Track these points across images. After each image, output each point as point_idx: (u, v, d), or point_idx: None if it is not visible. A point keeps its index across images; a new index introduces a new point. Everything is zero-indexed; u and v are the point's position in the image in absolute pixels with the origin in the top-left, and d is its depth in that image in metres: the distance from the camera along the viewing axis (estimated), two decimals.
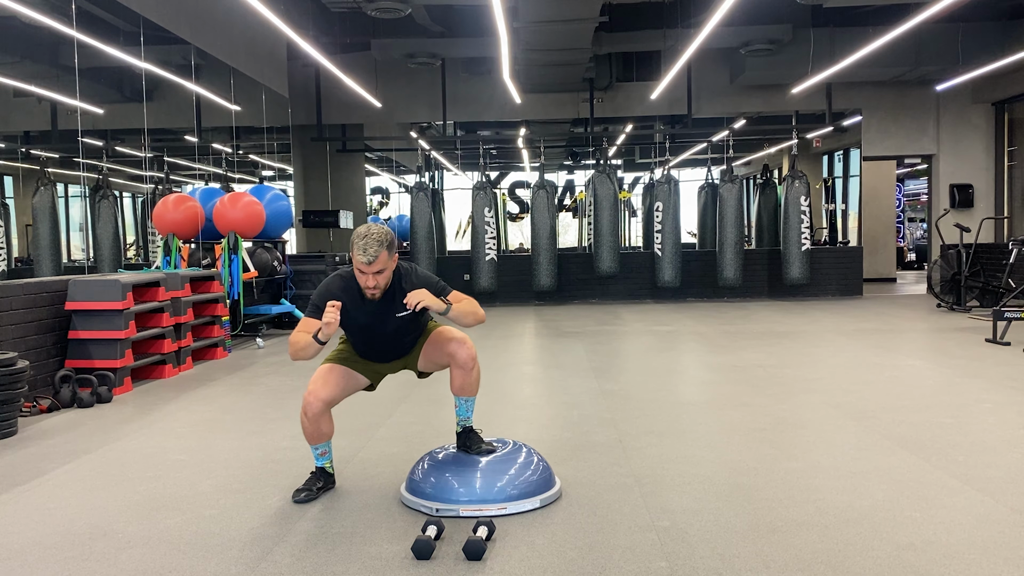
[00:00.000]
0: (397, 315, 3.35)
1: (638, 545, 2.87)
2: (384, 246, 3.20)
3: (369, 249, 3.18)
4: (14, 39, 10.74)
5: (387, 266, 3.26)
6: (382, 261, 3.21)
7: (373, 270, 3.22)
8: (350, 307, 3.32)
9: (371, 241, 3.19)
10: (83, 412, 5.36)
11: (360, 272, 3.26)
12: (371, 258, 3.18)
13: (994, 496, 3.30)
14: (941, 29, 11.30)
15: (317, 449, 3.51)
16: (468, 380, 3.43)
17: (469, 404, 3.51)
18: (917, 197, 24.31)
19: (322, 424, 3.43)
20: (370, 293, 3.30)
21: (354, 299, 3.34)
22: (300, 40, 8.91)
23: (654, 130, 17.39)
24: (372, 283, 3.26)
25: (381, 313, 3.36)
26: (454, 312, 3.32)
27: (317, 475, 3.52)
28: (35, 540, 3.04)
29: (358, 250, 3.19)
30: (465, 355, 3.38)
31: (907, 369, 6.49)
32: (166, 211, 8.65)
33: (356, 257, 3.21)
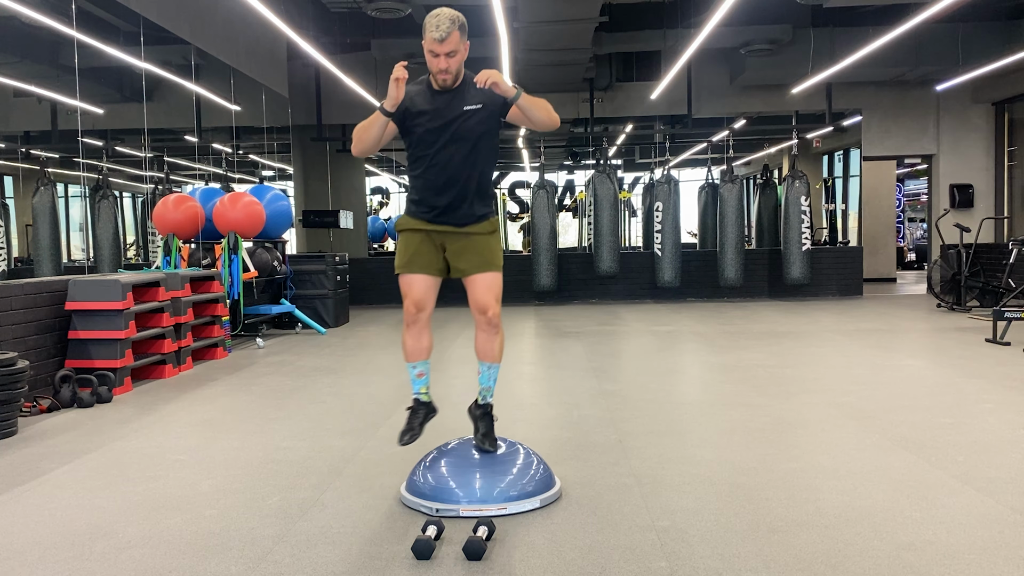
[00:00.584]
0: (466, 108, 3.26)
1: (638, 545, 2.87)
2: (456, 25, 3.13)
3: (442, 26, 3.11)
4: (14, 39, 10.74)
5: (459, 48, 3.18)
6: (454, 41, 3.14)
7: (445, 50, 3.14)
8: (419, 99, 3.26)
9: (443, 19, 3.12)
10: (83, 412, 5.36)
11: (432, 55, 3.18)
12: (444, 34, 3.11)
13: (994, 496, 3.30)
14: (941, 29, 11.30)
15: (415, 368, 3.44)
16: (490, 346, 3.39)
17: (492, 373, 3.46)
18: (917, 197, 24.31)
19: (424, 336, 3.39)
20: (441, 78, 3.21)
21: (423, 96, 3.27)
22: (300, 40, 8.92)
23: (654, 130, 17.39)
24: (444, 64, 3.17)
25: (451, 109, 3.26)
26: (525, 100, 3.20)
27: (415, 409, 3.47)
28: (35, 540, 3.04)
29: (430, 28, 3.12)
30: (487, 321, 3.34)
31: (907, 369, 6.49)
32: (166, 211, 8.65)
33: (429, 35, 3.13)
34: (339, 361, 7.42)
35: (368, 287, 12.93)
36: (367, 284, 12.92)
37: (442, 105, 3.27)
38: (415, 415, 3.47)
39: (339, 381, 6.38)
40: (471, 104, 3.26)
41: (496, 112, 3.31)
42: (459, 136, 3.29)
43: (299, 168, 14.86)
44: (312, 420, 5.02)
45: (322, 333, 9.51)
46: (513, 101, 3.20)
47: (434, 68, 3.20)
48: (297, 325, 9.79)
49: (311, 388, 6.10)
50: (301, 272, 10.13)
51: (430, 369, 3.53)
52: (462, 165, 3.32)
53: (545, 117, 3.28)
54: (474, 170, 3.35)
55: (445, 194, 3.34)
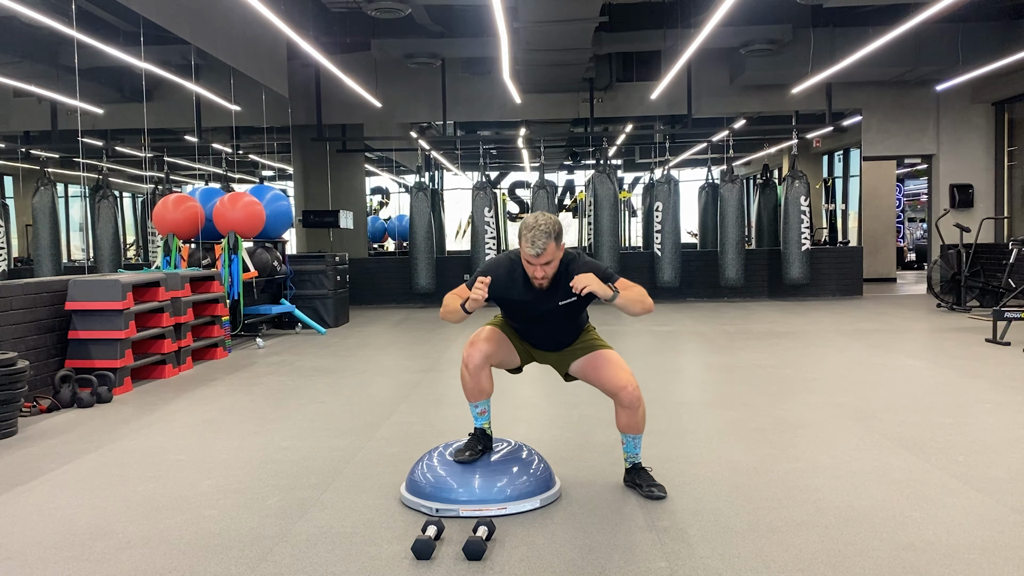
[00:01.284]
0: (560, 303, 3.31)
1: (638, 545, 2.87)
2: (552, 237, 3.17)
3: (538, 242, 3.15)
4: (14, 39, 10.74)
5: (555, 257, 3.23)
6: (550, 253, 3.20)
7: (542, 262, 3.20)
8: (514, 289, 3.31)
9: (539, 233, 3.15)
10: (83, 412, 5.36)
11: (528, 263, 3.23)
12: (539, 250, 3.16)
13: (994, 496, 3.30)
14: (941, 29, 11.30)
15: (477, 408, 3.47)
16: (634, 420, 3.41)
17: (636, 441, 3.49)
18: (917, 197, 24.30)
19: (482, 379, 3.40)
20: (538, 283, 3.27)
21: (519, 281, 3.32)
22: (300, 40, 8.91)
23: (654, 130, 17.39)
24: (540, 274, 3.24)
25: (545, 299, 3.32)
26: (621, 299, 3.22)
27: (477, 436, 3.47)
28: (35, 540, 3.04)
29: (527, 243, 3.17)
30: (629, 397, 3.35)
31: (907, 369, 6.49)
32: (166, 211, 8.64)
33: (524, 249, 3.19)
34: (339, 361, 7.42)
35: (368, 287, 12.93)
36: (367, 284, 12.92)
37: (536, 298, 3.34)
38: (476, 440, 3.47)
39: (339, 381, 6.38)
40: (564, 299, 3.31)
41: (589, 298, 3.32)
42: (554, 319, 3.40)
43: (299, 168, 14.86)
44: (312, 420, 5.02)
45: (322, 333, 9.51)
46: (610, 301, 3.24)
47: (531, 275, 3.28)
48: (297, 325, 9.79)
49: (311, 388, 6.10)
50: (301, 272, 10.13)
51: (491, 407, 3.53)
52: (555, 332, 3.49)
53: (640, 310, 3.30)
54: (566, 328, 3.48)
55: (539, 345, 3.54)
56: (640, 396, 3.39)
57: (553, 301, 3.32)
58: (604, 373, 3.41)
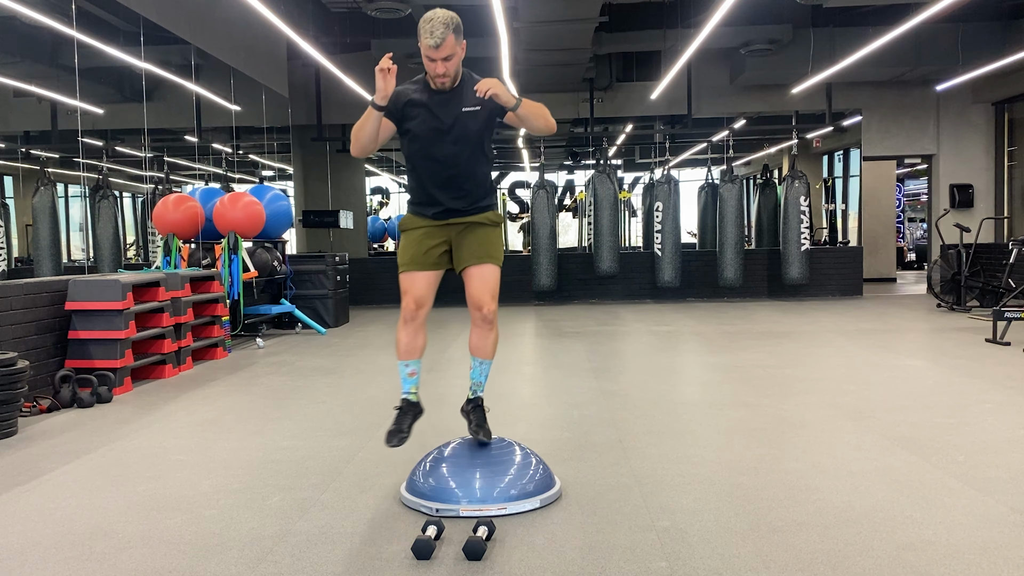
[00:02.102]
0: (464, 109, 3.23)
1: (638, 545, 2.87)
2: (451, 29, 3.09)
3: (436, 31, 3.06)
4: (14, 39, 10.74)
5: (455, 51, 3.14)
6: (450, 45, 3.10)
7: (441, 55, 3.11)
8: (417, 98, 3.22)
9: (437, 24, 3.07)
10: (83, 412, 5.36)
11: (428, 60, 3.14)
12: (438, 40, 3.07)
13: (994, 496, 3.30)
14: (941, 29, 11.30)
15: (407, 367, 3.41)
16: (484, 343, 3.38)
17: (483, 368, 3.46)
18: (917, 197, 24.31)
19: (419, 335, 3.37)
20: (439, 81, 3.17)
21: (421, 96, 3.23)
22: (300, 40, 8.92)
23: (654, 130, 17.40)
24: (441, 69, 3.14)
25: (449, 107, 3.23)
26: (524, 109, 3.16)
27: (404, 410, 3.43)
28: (35, 540, 3.04)
29: (425, 34, 3.08)
30: (482, 316, 3.33)
31: (907, 369, 6.49)
32: (166, 211, 8.65)
33: (424, 41, 3.09)
34: (339, 361, 7.42)
35: (368, 287, 12.93)
36: (367, 284, 12.92)
37: (440, 105, 3.25)
38: (404, 415, 3.43)
39: (339, 381, 6.38)
40: (469, 106, 3.24)
41: (494, 114, 3.29)
42: (457, 136, 3.27)
43: (299, 168, 14.86)
44: (312, 420, 5.02)
45: (322, 333, 9.51)
46: (512, 110, 3.18)
47: (431, 72, 3.17)
48: (297, 325, 9.79)
49: (311, 388, 6.10)
50: (301, 272, 10.13)
51: (421, 369, 3.52)
52: (461, 163, 3.31)
53: (543, 125, 3.26)
54: (473, 167, 3.34)
55: (445, 191, 3.33)
56: (493, 320, 3.35)
57: (457, 108, 3.22)
58: (475, 284, 3.34)
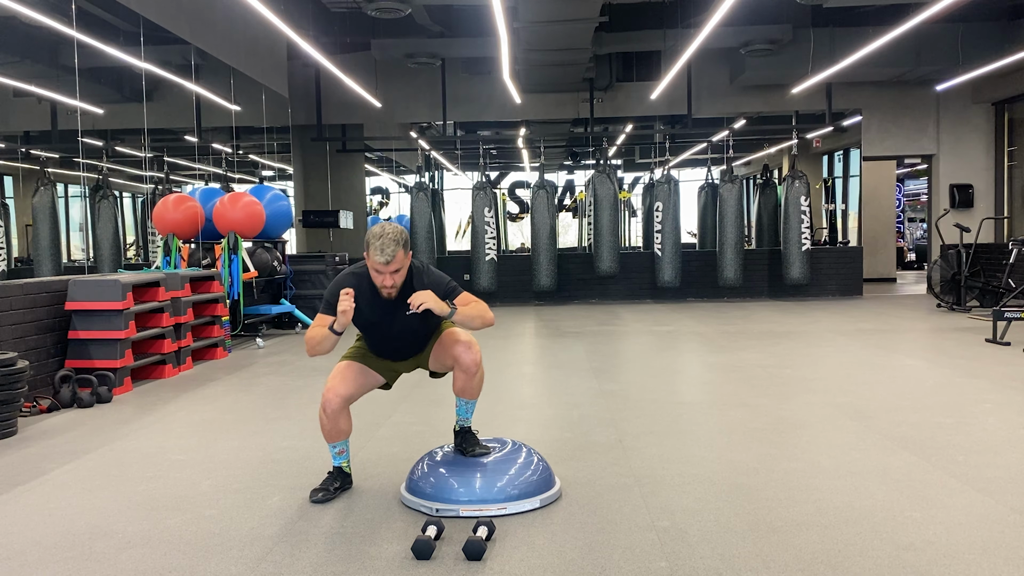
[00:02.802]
0: (407, 313, 3.32)
1: (638, 545, 2.87)
2: (400, 245, 3.20)
3: (387, 249, 3.17)
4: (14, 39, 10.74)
5: (403, 264, 3.25)
6: (399, 260, 3.21)
7: (390, 270, 3.22)
8: (362, 304, 3.30)
9: (387, 241, 3.18)
10: (83, 412, 5.36)
11: (376, 272, 3.25)
12: (388, 257, 3.18)
13: (994, 496, 3.30)
14: (941, 29, 11.30)
15: (335, 448, 3.52)
16: (470, 384, 3.44)
17: (470, 407, 3.53)
18: (917, 197, 24.30)
19: (340, 421, 3.44)
20: (386, 292, 3.28)
21: (366, 296, 3.32)
22: (300, 40, 8.91)
23: (654, 130, 17.39)
24: (389, 282, 3.25)
25: (393, 310, 3.35)
26: (459, 316, 3.30)
27: (334, 475, 3.53)
28: (35, 540, 3.04)
29: (375, 250, 3.18)
30: (469, 360, 3.38)
31: (907, 369, 6.49)
32: (166, 211, 8.65)
33: (373, 257, 3.20)
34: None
35: None
36: None
37: (386, 309, 3.36)
38: (333, 479, 3.53)
39: None
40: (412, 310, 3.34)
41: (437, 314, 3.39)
42: (404, 328, 3.41)
43: (299, 168, 14.86)
44: (312, 420, 5.00)
45: None
46: (449, 318, 3.30)
47: (379, 284, 3.28)
48: (297, 325, 9.79)
49: (311, 388, 6.10)
50: (301, 272, 10.13)
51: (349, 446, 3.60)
52: (408, 342, 3.50)
53: (479, 324, 3.36)
54: (418, 335, 3.49)
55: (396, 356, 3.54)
56: (479, 361, 3.41)
57: (402, 311, 3.32)
58: (448, 343, 3.44)
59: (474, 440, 3.52)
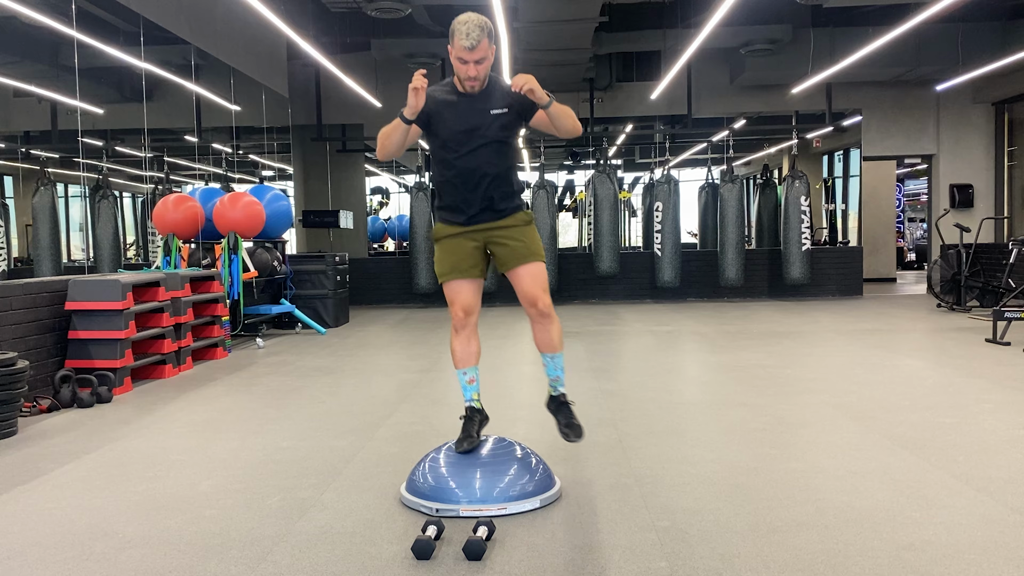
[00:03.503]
0: (493, 111, 3.25)
1: (638, 545, 2.87)
2: (485, 32, 3.12)
3: (472, 34, 3.08)
4: (14, 39, 10.75)
5: (488, 55, 3.16)
6: (483, 49, 3.12)
7: (475, 57, 3.13)
8: (445, 102, 3.24)
9: (472, 27, 3.10)
10: (83, 412, 5.36)
11: (461, 62, 3.15)
12: (474, 42, 3.09)
13: (994, 496, 3.30)
14: (941, 29, 11.30)
15: (466, 375, 3.46)
16: (547, 336, 3.42)
17: (556, 362, 3.47)
18: (917, 197, 24.31)
19: (472, 341, 3.43)
20: (470, 84, 3.19)
21: (449, 96, 3.26)
22: (300, 40, 8.92)
23: (654, 130, 17.40)
24: (474, 72, 3.16)
25: (477, 112, 3.25)
26: (555, 108, 3.18)
27: (470, 416, 3.46)
28: (35, 540, 3.04)
29: (460, 36, 3.10)
30: (537, 312, 3.36)
31: (907, 369, 6.49)
32: (166, 211, 8.65)
33: (458, 42, 3.11)
34: (339, 361, 7.42)
35: (368, 287, 12.93)
36: (367, 284, 12.92)
37: (468, 108, 3.27)
38: (470, 423, 3.44)
39: (339, 381, 6.38)
40: (497, 108, 3.26)
41: (521, 116, 3.32)
42: (485, 139, 3.29)
43: (299, 168, 14.87)
44: (312, 420, 5.02)
45: (322, 333, 9.51)
46: (545, 108, 3.19)
47: (463, 75, 3.19)
48: (297, 325, 9.79)
49: (311, 388, 6.10)
50: (301, 272, 10.13)
51: (479, 375, 3.53)
52: (489, 166, 3.32)
53: (571, 125, 3.29)
54: (501, 169, 3.35)
55: (475, 195, 3.35)
56: (549, 312, 3.39)
57: (485, 111, 3.24)
58: (525, 281, 3.40)
59: (570, 415, 3.45)
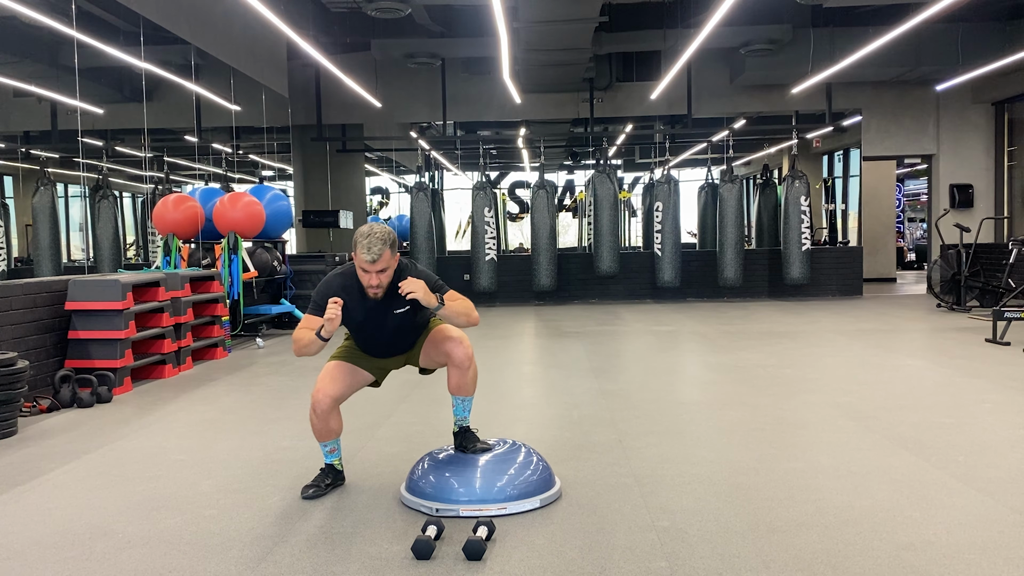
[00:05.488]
0: (395, 311, 3.38)
1: (638, 545, 2.87)
2: (388, 244, 3.24)
3: (373, 248, 3.20)
4: (14, 39, 10.74)
5: (390, 264, 3.28)
6: (385, 260, 3.24)
7: (376, 268, 3.25)
8: (350, 305, 3.34)
9: (375, 240, 3.21)
10: (83, 412, 5.36)
11: (363, 271, 3.28)
12: (375, 256, 3.21)
13: (994, 496, 3.30)
14: (941, 29, 11.30)
15: (326, 446, 3.56)
16: (464, 380, 3.46)
17: (466, 404, 3.54)
18: (917, 197, 24.30)
19: (331, 421, 3.48)
20: (372, 292, 3.31)
21: (354, 297, 3.36)
22: (300, 40, 8.91)
23: (654, 130, 17.39)
24: (375, 281, 3.28)
25: (381, 310, 3.38)
26: (446, 311, 3.32)
27: (326, 472, 3.57)
28: (35, 540, 3.04)
29: (362, 249, 3.22)
30: (461, 354, 3.41)
31: (907, 369, 6.49)
32: (166, 211, 8.65)
33: (360, 256, 3.23)
34: None
35: None
36: None
37: (373, 309, 3.39)
38: (324, 476, 3.57)
39: None
40: (399, 308, 3.38)
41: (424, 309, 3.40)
42: (392, 328, 3.44)
43: (299, 168, 14.86)
44: None
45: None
46: (435, 312, 3.33)
47: (365, 283, 3.31)
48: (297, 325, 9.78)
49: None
50: (301, 272, 10.13)
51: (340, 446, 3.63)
52: (397, 340, 3.52)
53: (464, 323, 3.40)
54: (407, 334, 3.52)
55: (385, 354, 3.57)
56: (471, 355, 3.44)
57: (389, 310, 3.37)
58: (439, 339, 3.48)
59: (473, 438, 3.53)
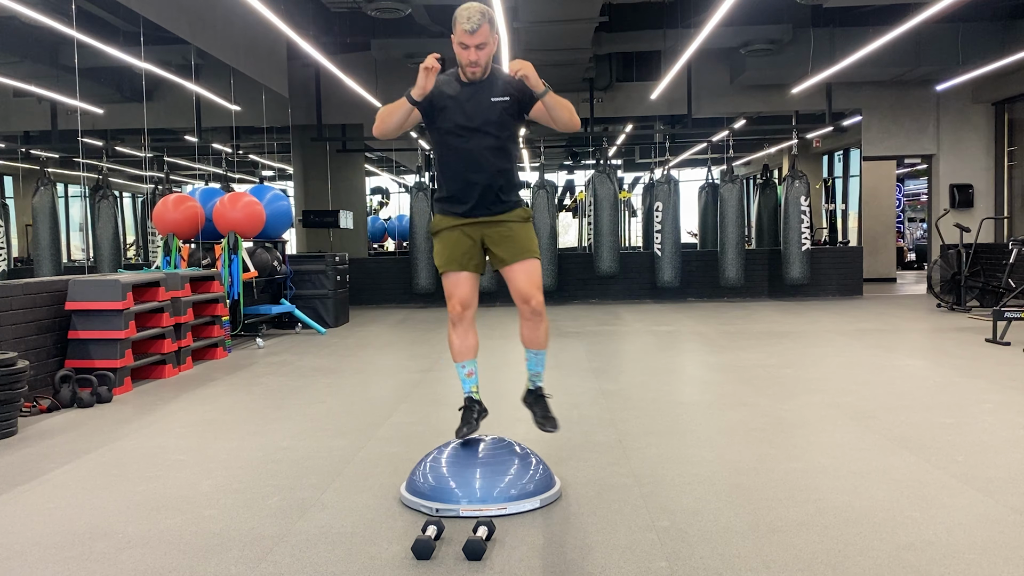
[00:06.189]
0: (493, 99, 3.28)
1: (638, 545, 2.87)
2: (487, 18, 3.17)
3: (473, 18, 3.14)
4: (14, 39, 10.74)
5: (489, 41, 3.20)
6: (484, 34, 3.17)
7: (475, 42, 3.17)
8: (447, 88, 3.28)
9: (474, 12, 3.15)
10: (83, 412, 5.36)
11: (462, 47, 3.20)
12: (475, 26, 3.13)
13: (994, 496, 3.30)
14: (941, 29, 11.31)
15: (464, 368, 3.49)
16: (534, 334, 3.44)
17: (539, 359, 3.51)
18: (917, 197, 24.31)
19: (470, 335, 3.45)
20: (471, 70, 3.23)
21: (452, 84, 3.30)
22: (300, 40, 8.92)
23: (654, 130, 17.40)
24: (474, 57, 3.20)
25: (478, 97, 3.29)
26: (551, 98, 3.23)
27: (469, 407, 3.50)
28: (35, 540, 3.04)
29: (461, 20, 3.15)
30: (531, 310, 3.38)
31: (907, 369, 6.49)
32: (166, 211, 8.64)
33: (460, 27, 3.16)
34: (339, 361, 7.42)
35: (368, 287, 12.93)
36: (367, 284, 12.92)
37: (469, 97, 3.30)
38: (469, 412, 3.49)
39: (339, 381, 6.38)
40: (498, 96, 3.29)
41: (521, 106, 3.34)
42: (485, 128, 3.32)
43: (299, 168, 14.87)
44: (312, 420, 5.02)
45: (322, 333, 9.51)
46: (540, 97, 3.23)
47: (464, 60, 3.23)
48: (297, 325, 9.79)
49: (311, 388, 6.10)
50: (301, 272, 10.13)
51: (478, 368, 3.56)
52: (489, 156, 3.35)
53: (568, 118, 3.31)
54: (500, 161, 3.38)
55: (474, 185, 3.37)
56: (542, 311, 3.42)
57: (486, 100, 3.28)
58: (519, 278, 3.41)
59: (546, 408, 3.49)
